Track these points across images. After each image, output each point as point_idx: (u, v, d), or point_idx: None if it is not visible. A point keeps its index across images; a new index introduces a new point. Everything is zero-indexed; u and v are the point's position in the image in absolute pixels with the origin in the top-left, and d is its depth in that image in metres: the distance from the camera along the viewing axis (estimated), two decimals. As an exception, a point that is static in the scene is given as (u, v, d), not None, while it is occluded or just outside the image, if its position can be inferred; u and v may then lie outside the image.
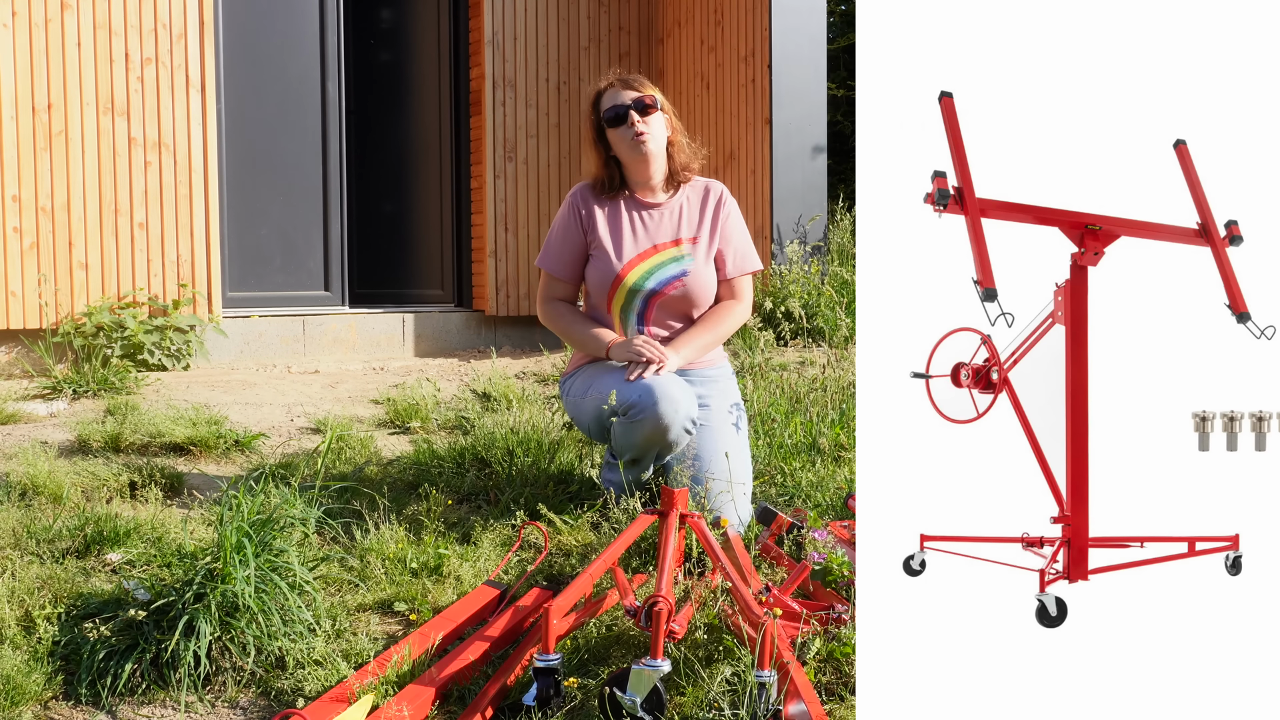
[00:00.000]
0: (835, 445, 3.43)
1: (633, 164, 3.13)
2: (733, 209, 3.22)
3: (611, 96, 3.11)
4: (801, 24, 6.08)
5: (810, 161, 6.11)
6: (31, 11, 5.13)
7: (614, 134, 3.11)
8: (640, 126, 3.07)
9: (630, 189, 3.18)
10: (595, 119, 3.15)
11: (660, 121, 3.13)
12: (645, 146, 3.09)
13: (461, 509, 3.20)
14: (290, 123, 6.16)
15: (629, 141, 3.09)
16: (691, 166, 3.20)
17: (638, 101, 3.08)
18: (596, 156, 3.18)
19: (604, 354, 3.06)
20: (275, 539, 2.44)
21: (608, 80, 3.16)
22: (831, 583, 2.55)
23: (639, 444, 2.90)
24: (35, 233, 5.17)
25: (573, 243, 3.16)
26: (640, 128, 3.07)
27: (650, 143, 3.09)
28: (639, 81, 3.13)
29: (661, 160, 3.15)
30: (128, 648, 2.27)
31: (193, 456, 3.64)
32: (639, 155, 3.10)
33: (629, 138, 3.08)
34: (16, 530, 2.82)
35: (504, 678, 2.20)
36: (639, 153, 3.10)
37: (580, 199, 3.18)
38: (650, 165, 3.13)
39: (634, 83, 3.12)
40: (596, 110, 3.15)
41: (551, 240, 3.20)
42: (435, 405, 4.27)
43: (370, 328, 6.14)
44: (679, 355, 3.00)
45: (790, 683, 1.99)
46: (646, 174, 3.15)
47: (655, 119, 3.11)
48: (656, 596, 2.09)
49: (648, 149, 3.09)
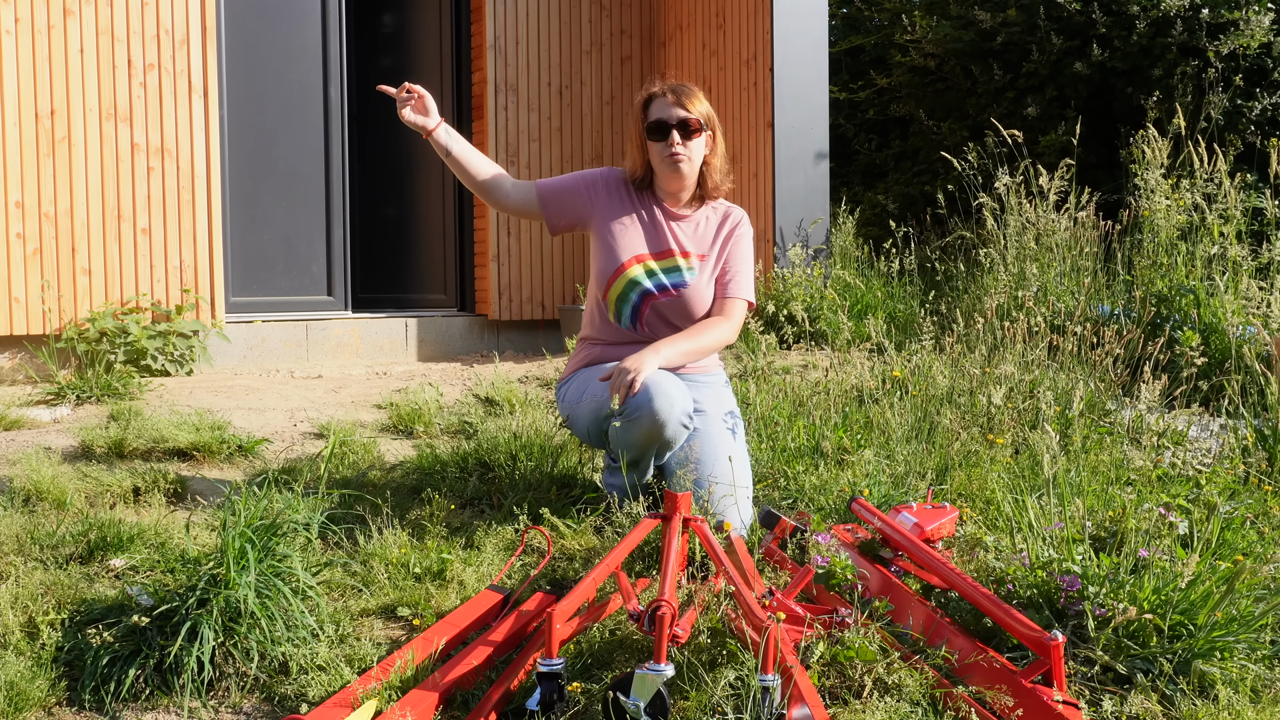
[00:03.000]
0: (838, 449, 3.42)
1: (664, 177, 3.15)
2: (746, 240, 3.23)
3: (660, 108, 3.12)
4: (803, 27, 6.09)
5: (813, 165, 6.11)
6: (34, 18, 5.14)
7: (653, 145, 3.12)
8: (678, 149, 3.09)
9: (657, 193, 3.20)
10: (642, 121, 3.16)
11: (700, 144, 3.13)
12: (680, 168, 3.11)
13: (465, 513, 3.20)
14: (293, 127, 6.17)
15: (665, 158, 3.10)
16: (721, 189, 3.22)
17: (683, 123, 3.08)
18: (638, 156, 3.19)
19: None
20: (278, 544, 2.44)
21: (661, 86, 3.15)
22: (835, 586, 2.54)
23: (637, 442, 2.90)
24: (39, 238, 5.17)
25: (577, 198, 3.18)
26: (678, 150, 3.09)
27: (684, 165, 3.11)
28: (690, 97, 3.12)
29: (693, 180, 3.18)
30: (131, 653, 2.27)
31: (196, 461, 3.64)
32: (673, 173, 3.13)
33: (665, 154, 3.10)
34: (20, 536, 2.82)
35: (507, 683, 2.20)
36: (673, 170, 3.12)
37: (610, 181, 3.20)
38: (681, 183, 3.16)
39: (685, 98, 3.11)
40: (645, 114, 3.15)
41: (563, 180, 3.20)
42: (438, 410, 4.27)
43: (373, 332, 6.15)
44: (658, 356, 2.95)
45: (794, 687, 1.99)
46: (676, 187, 3.17)
47: (696, 143, 3.12)
48: (660, 600, 2.09)
49: (681, 170, 3.12)
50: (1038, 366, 3.99)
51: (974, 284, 5.60)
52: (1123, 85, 7.51)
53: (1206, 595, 2.35)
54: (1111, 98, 7.67)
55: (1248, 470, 3.29)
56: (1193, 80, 7.15)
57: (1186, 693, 2.22)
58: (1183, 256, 5.08)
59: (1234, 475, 3.20)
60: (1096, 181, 7.16)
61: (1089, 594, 2.36)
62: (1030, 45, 7.84)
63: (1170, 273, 5.03)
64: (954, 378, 3.92)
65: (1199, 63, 7.17)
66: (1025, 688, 2.09)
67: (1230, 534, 2.72)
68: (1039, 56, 7.75)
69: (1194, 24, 7.17)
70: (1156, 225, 5.23)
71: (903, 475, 3.26)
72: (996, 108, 8.08)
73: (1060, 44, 7.62)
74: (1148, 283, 5.05)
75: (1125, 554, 2.45)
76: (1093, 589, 2.36)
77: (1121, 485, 3.08)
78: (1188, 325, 4.60)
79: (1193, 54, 7.23)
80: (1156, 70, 7.25)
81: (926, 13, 8.80)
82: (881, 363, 4.34)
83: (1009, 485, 3.10)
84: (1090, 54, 7.47)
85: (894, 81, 9.18)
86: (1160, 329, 4.67)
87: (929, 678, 2.18)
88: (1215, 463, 3.31)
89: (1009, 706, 2.09)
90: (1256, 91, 7.22)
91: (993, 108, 8.10)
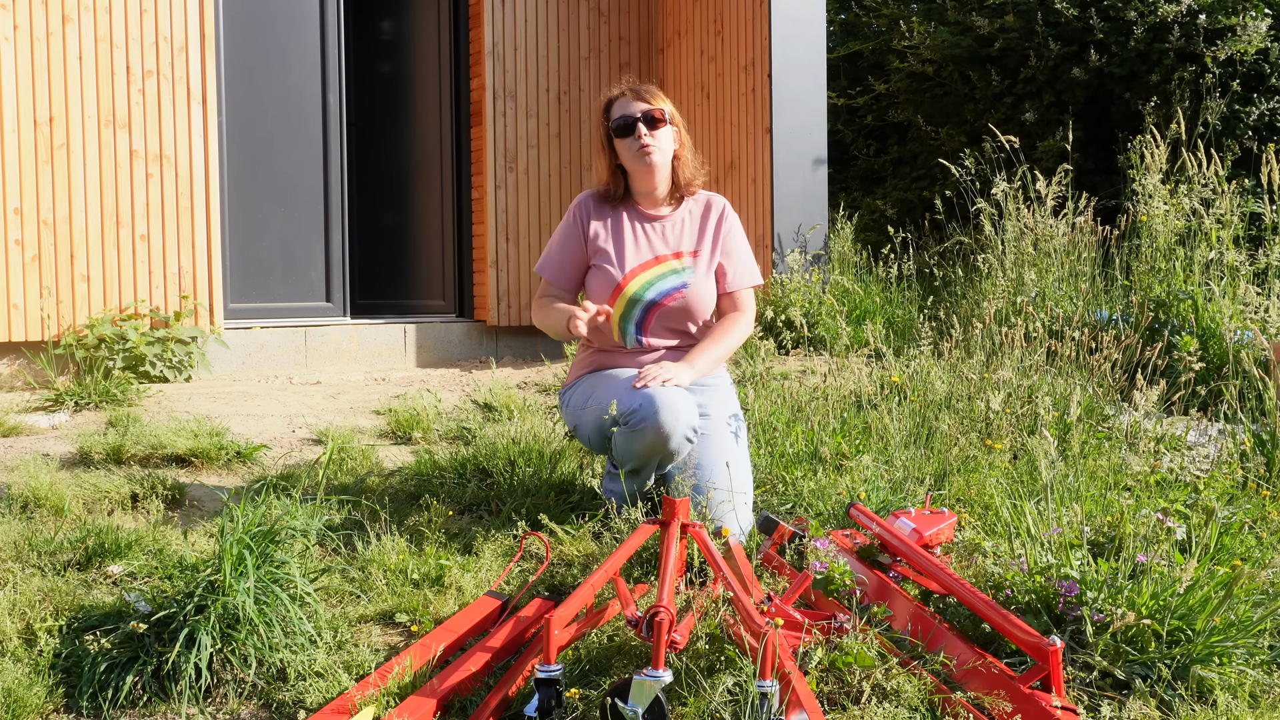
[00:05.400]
0: (837, 454, 3.42)
1: (637, 175, 3.15)
2: (734, 223, 3.24)
3: (622, 106, 3.14)
4: (801, 33, 6.09)
5: (811, 170, 6.12)
6: (33, 25, 5.15)
7: (621, 144, 3.13)
8: (646, 140, 3.10)
9: (634, 199, 3.20)
10: (605, 126, 3.17)
11: (668, 135, 3.15)
12: (650, 159, 3.11)
13: (463, 519, 3.20)
14: (291, 134, 6.17)
15: (634, 153, 3.11)
16: (695, 182, 3.23)
17: (647, 114, 3.10)
18: (604, 163, 3.21)
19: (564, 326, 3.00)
20: (276, 550, 2.44)
21: (620, 89, 3.18)
22: (834, 592, 2.54)
23: (640, 453, 2.90)
24: (37, 245, 5.17)
25: (572, 251, 3.18)
26: (646, 141, 3.10)
27: (655, 155, 3.12)
28: (650, 93, 3.15)
29: (666, 173, 3.17)
30: (129, 660, 2.27)
31: (194, 468, 3.64)
32: (643, 167, 3.13)
33: (635, 149, 3.11)
34: (18, 543, 2.82)
35: (506, 689, 2.19)
36: (644, 164, 3.12)
37: (583, 209, 3.20)
38: (654, 177, 3.15)
39: (645, 94, 3.14)
40: (607, 117, 3.17)
41: (552, 248, 3.22)
42: (437, 416, 4.27)
43: (371, 338, 6.15)
44: (693, 369, 3.03)
45: (792, 693, 1.99)
46: (650, 185, 3.17)
47: (663, 133, 3.13)
48: (658, 606, 2.08)
49: (652, 161, 3.12)
50: (1036, 372, 3.99)
51: (972, 289, 5.60)
52: (1120, 91, 7.52)
53: (1205, 600, 2.35)
54: (1109, 103, 7.68)
55: (1246, 475, 3.29)
56: (1190, 86, 7.16)
57: (1185, 698, 2.22)
58: (1181, 262, 5.08)
59: (1232, 480, 3.20)
60: (1094, 187, 7.17)
61: (1087, 599, 2.36)
62: (1028, 51, 7.85)
63: (1168, 278, 5.04)
64: (952, 383, 3.92)
65: (1196, 68, 7.17)
66: (1024, 693, 2.09)
67: (1228, 539, 2.72)
68: (1037, 62, 7.76)
69: (1191, 30, 7.18)
70: (1154, 230, 5.23)
71: (901, 481, 3.27)
72: (994, 113, 8.09)
73: (1058, 50, 7.63)
74: (1146, 288, 5.05)
75: (1123, 559, 2.46)
76: (1091, 594, 2.37)
77: (1120, 490, 3.08)
78: (1186, 330, 4.61)
79: (1190, 60, 7.24)
80: (1154, 76, 7.26)
81: (924, 19, 8.81)
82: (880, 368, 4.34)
83: (1007, 490, 3.10)
84: (1088, 60, 7.48)
85: (892, 87, 9.19)
86: (1158, 334, 4.67)
87: (927, 683, 2.18)
88: (1213, 468, 3.31)
89: (1007, 712, 2.09)
90: (1254, 97, 7.23)
91: (991, 113, 8.11)
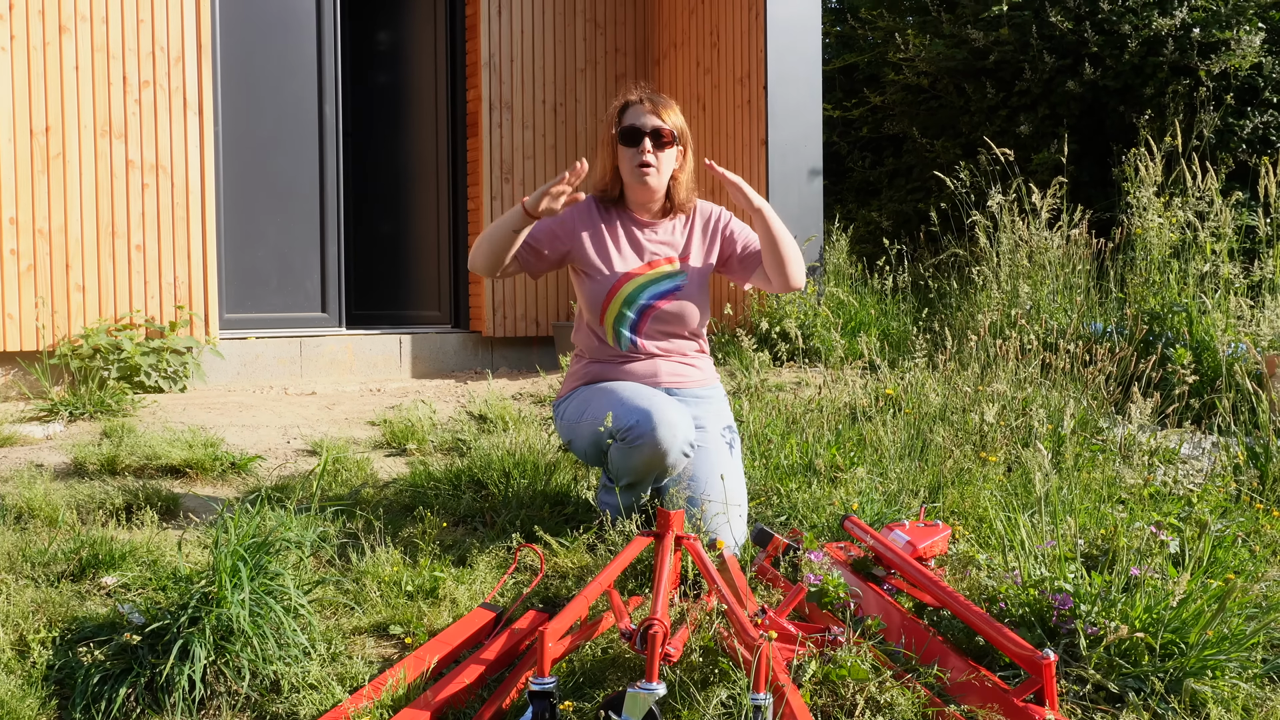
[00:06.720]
0: (831, 466, 3.43)
1: (631, 186, 3.14)
2: (738, 222, 3.25)
3: (635, 114, 3.09)
4: (797, 45, 6.11)
5: (806, 182, 6.13)
6: (30, 35, 5.15)
7: (624, 151, 3.09)
8: (648, 157, 3.06)
9: (628, 205, 3.19)
10: (614, 128, 3.13)
11: (671, 157, 3.12)
12: (648, 179, 3.09)
13: (458, 531, 3.20)
14: (288, 144, 6.18)
15: (633, 167, 3.08)
16: (688, 205, 3.21)
17: (656, 131, 3.06)
18: (606, 163, 3.17)
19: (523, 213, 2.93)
20: (270, 562, 2.44)
21: (638, 95, 3.13)
22: (828, 605, 2.55)
23: (637, 468, 2.90)
24: (33, 255, 5.17)
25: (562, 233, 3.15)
26: (648, 159, 3.06)
27: (652, 179, 3.09)
28: (665, 108, 3.09)
29: (661, 193, 3.16)
30: (122, 672, 2.26)
31: (189, 479, 3.63)
32: (640, 183, 3.11)
33: (635, 163, 3.08)
34: (11, 554, 2.82)
35: (499, 701, 2.19)
36: (640, 180, 3.10)
37: (580, 209, 3.17)
38: (650, 195, 3.14)
39: (661, 108, 3.09)
40: (619, 120, 3.13)
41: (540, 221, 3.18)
42: (432, 427, 4.27)
43: (367, 349, 6.15)
44: (767, 204, 3.00)
45: (786, 706, 1.99)
46: (643, 198, 3.16)
47: (666, 155, 3.10)
48: (652, 619, 2.08)
49: (649, 182, 3.10)
50: (1030, 384, 4.00)
51: (967, 301, 5.62)
52: (1115, 104, 7.55)
53: (1198, 614, 2.35)
54: (1103, 116, 7.71)
55: (1239, 488, 3.30)
56: (1184, 99, 7.19)
57: (1178, 711, 2.23)
58: (1175, 274, 5.10)
59: (1225, 493, 3.21)
60: (1089, 199, 7.20)
61: (1081, 612, 2.36)
62: (1023, 64, 7.89)
63: (1162, 290, 5.05)
64: (947, 395, 3.92)
65: (1190, 82, 7.21)
66: (1017, 707, 2.09)
67: (1222, 552, 2.72)
68: (1031, 75, 7.79)
69: (1185, 43, 7.22)
70: (1149, 243, 5.25)
71: (895, 493, 3.27)
72: (989, 126, 8.12)
73: (1053, 63, 7.66)
74: (1140, 300, 5.07)
75: (1117, 572, 2.46)
76: (1084, 607, 2.37)
77: (1113, 503, 3.09)
78: (1180, 343, 4.62)
79: (1184, 73, 7.27)
80: (1148, 89, 7.30)
81: (920, 31, 8.85)
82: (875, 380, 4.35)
83: (1001, 503, 3.10)
84: (1082, 73, 7.51)
85: (887, 99, 9.22)
86: (1152, 347, 4.68)
87: (921, 696, 2.18)
88: (1207, 481, 3.32)
89: (1001, 725, 2.09)
90: (1248, 110, 7.26)
91: (985, 126, 8.14)
